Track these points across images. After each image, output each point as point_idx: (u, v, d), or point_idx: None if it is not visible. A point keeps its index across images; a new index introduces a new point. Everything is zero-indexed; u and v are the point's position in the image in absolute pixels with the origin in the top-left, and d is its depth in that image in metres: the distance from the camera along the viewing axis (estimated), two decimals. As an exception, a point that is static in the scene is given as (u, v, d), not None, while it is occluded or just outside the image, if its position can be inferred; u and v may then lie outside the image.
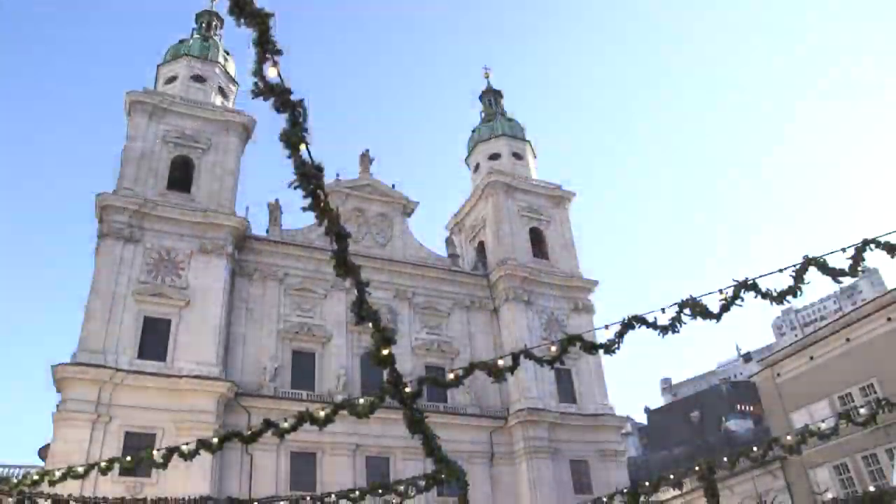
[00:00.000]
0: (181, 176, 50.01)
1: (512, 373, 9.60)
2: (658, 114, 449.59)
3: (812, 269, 9.87)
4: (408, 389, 8.93)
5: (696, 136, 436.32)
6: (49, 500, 13.53)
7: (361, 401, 9.64)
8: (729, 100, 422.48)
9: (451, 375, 9.61)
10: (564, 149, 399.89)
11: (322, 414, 9.99)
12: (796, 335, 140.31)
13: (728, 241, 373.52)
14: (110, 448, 36.82)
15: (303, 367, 48.03)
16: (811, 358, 42.71)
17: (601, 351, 9.79)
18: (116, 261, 43.82)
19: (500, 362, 9.49)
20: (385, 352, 7.93)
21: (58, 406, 39.17)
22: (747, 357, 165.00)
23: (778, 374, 44.90)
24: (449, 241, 61.86)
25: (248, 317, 47.84)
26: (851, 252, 9.68)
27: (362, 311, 7.42)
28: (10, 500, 12.22)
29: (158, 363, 41.96)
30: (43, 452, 44.71)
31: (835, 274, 9.74)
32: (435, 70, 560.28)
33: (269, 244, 51.25)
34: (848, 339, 40.28)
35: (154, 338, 42.84)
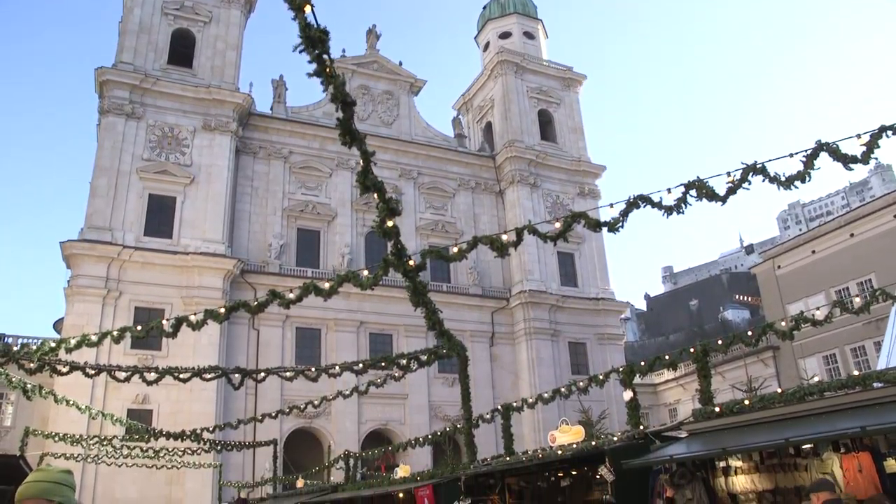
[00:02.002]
0: (182, 50, 48.57)
1: (515, 248, 9.58)
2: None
3: (823, 156, 9.48)
4: (411, 263, 8.94)
5: (710, 22, 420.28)
6: (67, 367, 14.08)
7: (365, 272, 9.71)
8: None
9: (455, 249, 9.62)
10: (576, 31, 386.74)
11: (327, 285, 10.09)
12: (801, 230, 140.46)
13: (741, 132, 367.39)
14: (120, 321, 37.70)
15: (307, 245, 48.59)
16: (813, 252, 43.02)
17: (605, 229, 9.71)
18: (119, 138, 43.37)
19: (504, 237, 9.48)
20: (390, 223, 7.89)
21: (69, 282, 39.99)
22: (749, 249, 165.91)
23: (779, 267, 45.37)
24: (456, 122, 60.91)
25: (252, 195, 47.93)
26: (866, 139, 9.22)
27: (367, 181, 7.30)
28: (31, 366, 12.78)
29: (165, 240, 42.42)
30: (58, 326, 46.12)
31: (846, 160, 9.32)
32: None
33: (274, 121, 50.57)
34: (852, 235, 40.42)
35: (160, 215, 43.10)
